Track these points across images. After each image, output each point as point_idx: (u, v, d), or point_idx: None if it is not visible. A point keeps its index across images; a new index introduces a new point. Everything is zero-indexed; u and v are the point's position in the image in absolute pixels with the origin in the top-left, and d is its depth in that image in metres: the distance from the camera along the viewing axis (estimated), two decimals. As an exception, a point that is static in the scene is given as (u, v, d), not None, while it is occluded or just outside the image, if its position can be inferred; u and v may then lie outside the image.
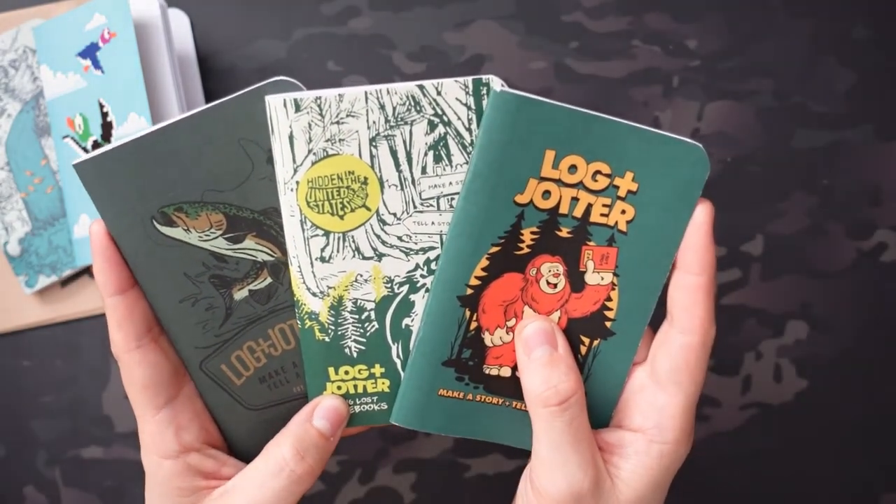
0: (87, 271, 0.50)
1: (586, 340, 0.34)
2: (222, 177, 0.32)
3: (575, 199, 0.32)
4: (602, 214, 0.32)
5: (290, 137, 0.31)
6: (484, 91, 0.31)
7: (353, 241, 0.33)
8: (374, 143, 0.32)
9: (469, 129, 0.32)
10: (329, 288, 0.33)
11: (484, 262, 0.32)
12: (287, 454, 0.32)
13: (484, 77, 0.31)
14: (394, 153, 0.32)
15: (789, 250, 0.51)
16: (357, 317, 0.34)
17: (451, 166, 0.32)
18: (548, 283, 0.33)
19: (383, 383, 0.34)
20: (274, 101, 0.31)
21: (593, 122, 0.31)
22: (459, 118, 0.32)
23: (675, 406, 0.32)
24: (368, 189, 0.32)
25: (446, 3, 0.51)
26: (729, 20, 0.51)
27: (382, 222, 0.33)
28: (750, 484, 0.51)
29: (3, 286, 0.50)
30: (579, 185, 0.32)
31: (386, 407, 0.35)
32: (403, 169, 0.32)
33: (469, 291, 0.32)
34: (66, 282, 0.50)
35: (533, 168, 0.31)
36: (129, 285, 0.32)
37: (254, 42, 0.51)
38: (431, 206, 0.32)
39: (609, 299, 0.33)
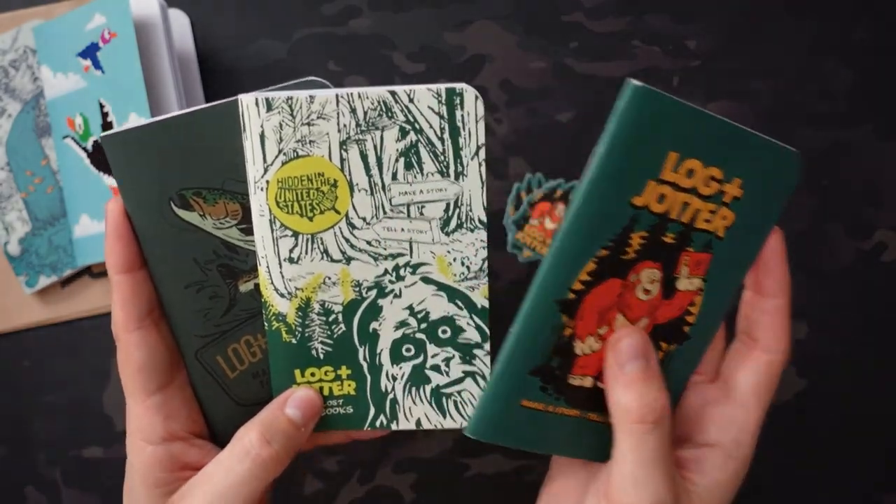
0: (87, 271, 0.50)
1: (664, 346, 0.33)
2: (244, 167, 0.32)
3: (686, 204, 0.31)
4: (706, 220, 0.31)
5: (262, 136, 0.31)
6: (457, 101, 0.31)
7: (322, 244, 0.32)
8: (344, 147, 0.31)
9: (441, 139, 0.32)
10: (297, 289, 0.33)
11: (591, 266, 0.30)
12: (253, 439, 0.32)
13: (457, 87, 0.31)
14: (364, 157, 0.32)
15: (789, 250, 0.51)
16: (324, 318, 0.33)
17: (423, 174, 0.32)
18: (644, 290, 0.31)
19: (349, 385, 0.34)
20: (246, 100, 0.31)
21: (715, 124, 0.30)
22: (432, 127, 0.31)
23: (755, 422, 0.32)
24: (338, 192, 0.32)
25: (446, 3, 0.51)
26: (729, 20, 0.51)
27: (352, 226, 0.32)
28: (749, 484, 0.51)
29: (4, 286, 0.50)
30: (692, 190, 0.30)
31: (352, 410, 0.34)
32: (374, 174, 0.32)
33: (571, 296, 0.31)
34: (66, 282, 0.50)
35: (654, 169, 0.30)
36: (138, 266, 0.32)
37: (254, 42, 0.51)
38: (402, 212, 0.32)
39: (692, 304, 0.32)
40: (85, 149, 0.47)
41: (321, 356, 0.34)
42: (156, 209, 0.32)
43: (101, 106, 0.46)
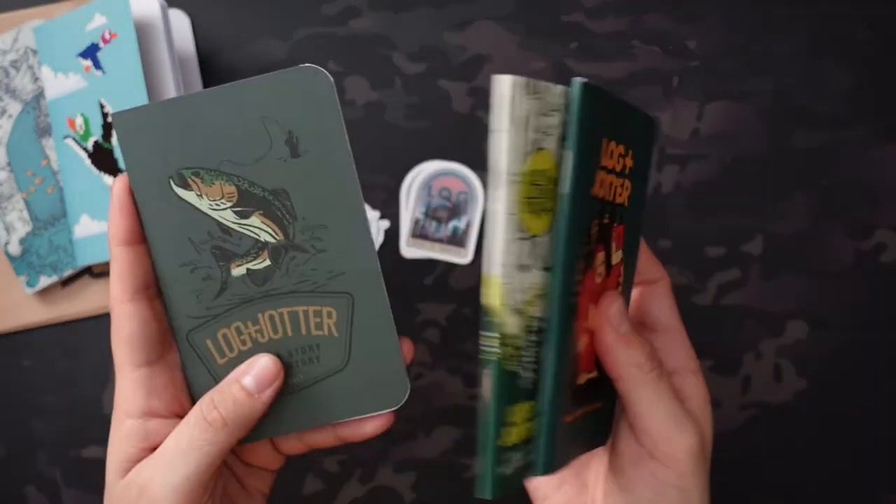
0: (87, 271, 0.50)
1: None
2: (241, 151, 0.33)
3: (612, 185, 0.31)
4: (619, 194, 0.32)
5: (526, 122, 0.27)
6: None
7: (542, 249, 0.28)
8: (562, 145, 0.29)
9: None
10: (523, 303, 0.28)
11: (582, 264, 0.29)
12: (204, 403, 0.32)
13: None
14: (563, 158, 0.29)
15: (789, 250, 0.51)
16: (535, 339, 0.28)
17: None
18: (598, 273, 0.31)
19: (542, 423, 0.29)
20: (510, 80, 0.26)
21: (621, 105, 0.31)
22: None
23: (684, 333, 0.35)
24: (554, 192, 0.29)
25: (446, 3, 0.51)
26: (729, 20, 0.51)
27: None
28: (750, 484, 0.51)
29: (4, 286, 0.50)
30: (612, 170, 0.31)
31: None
32: (567, 175, 0.29)
33: (573, 301, 0.29)
34: (66, 282, 0.50)
35: (598, 158, 0.29)
36: (137, 240, 0.33)
37: (254, 42, 0.51)
38: None
39: (620, 275, 0.33)
40: (85, 149, 0.47)
41: (530, 386, 0.28)
42: (157, 187, 0.33)
43: (102, 106, 0.46)
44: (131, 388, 0.33)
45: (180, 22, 0.50)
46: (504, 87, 0.26)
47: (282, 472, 0.39)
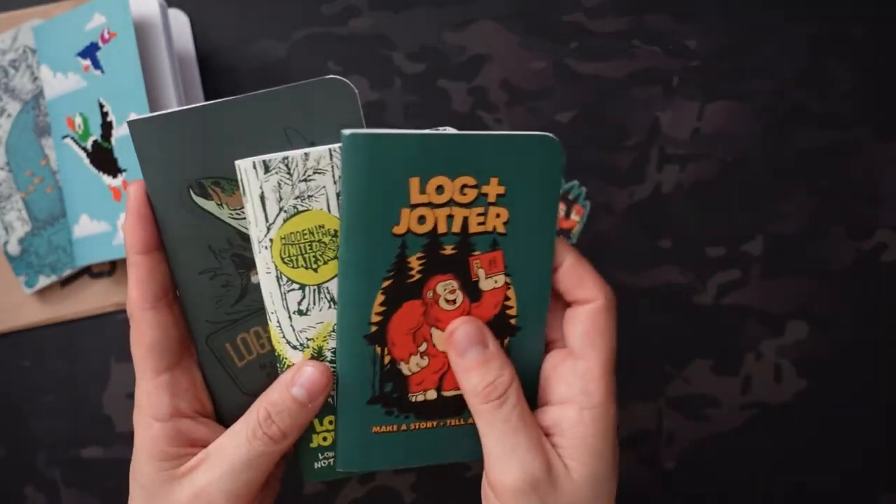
0: (86, 271, 0.50)
1: (499, 341, 0.35)
2: (248, 226, 0.33)
3: (450, 217, 0.32)
4: (479, 223, 0.33)
5: (262, 197, 0.32)
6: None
7: (328, 293, 0.33)
8: (341, 197, 0.32)
9: None
10: (308, 339, 0.33)
11: (380, 298, 0.33)
12: (260, 416, 0.33)
13: (440, 128, 0.33)
14: None
15: (789, 250, 0.51)
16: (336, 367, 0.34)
17: None
18: (446, 300, 0.33)
19: None
20: (244, 165, 0.32)
21: (446, 140, 0.32)
22: None
23: (596, 368, 0.33)
24: (339, 241, 0.33)
25: (446, 3, 0.51)
26: (729, 20, 0.51)
27: None
28: (750, 484, 0.51)
29: (3, 286, 0.50)
30: (450, 202, 0.32)
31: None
32: None
33: (374, 329, 0.33)
34: (66, 282, 0.50)
35: (402, 198, 0.32)
36: (155, 247, 0.33)
37: (254, 42, 0.51)
38: None
39: (507, 298, 0.34)
40: (85, 149, 0.47)
41: (334, 402, 0.34)
42: (175, 195, 0.33)
43: (101, 106, 0.46)
44: (156, 392, 0.33)
45: (180, 22, 0.50)
46: (239, 170, 0.32)
47: (282, 472, 0.40)
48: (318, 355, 0.34)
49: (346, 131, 0.31)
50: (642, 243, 0.51)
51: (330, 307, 0.33)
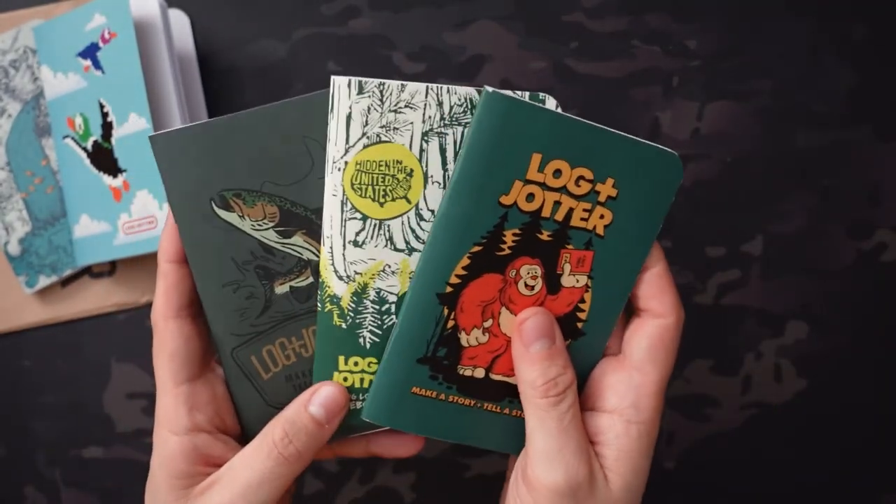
0: (87, 271, 0.50)
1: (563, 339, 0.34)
2: (283, 171, 0.33)
3: (557, 203, 0.32)
4: (582, 219, 0.33)
5: (348, 118, 0.32)
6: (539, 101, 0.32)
7: (388, 231, 0.33)
8: (425, 138, 0.32)
9: None
10: (356, 273, 0.33)
11: (465, 262, 0.32)
12: (276, 436, 0.32)
13: (541, 94, 0.32)
14: (443, 151, 0.32)
15: (789, 250, 0.51)
16: (377, 307, 0.33)
17: None
18: (526, 285, 0.33)
19: None
20: (339, 81, 0.31)
21: (580, 128, 0.32)
22: None
23: (652, 384, 0.33)
24: (412, 182, 0.32)
25: (446, 3, 0.51)
26: (729, 20, 0.51)
27: (420, 217, 0.33)
28: (750, 484, 0.51)
29: (4, 286, 0.50)
30: (562, 189, 0.32)
31: None
32: (449, 168, 0.32)
33: (449, 289, 0.33)
34: (66, 282, 0.50)
35: (519, 170, 0.31)
36: (186, 258, 0.33)
37: (254, 42, 0.51)
38: None
39: (582, 301, 0.34)
40: (85, 149, 0.47)
41: (368, 346, 0.34)
42: (198, 208, 0.33)
43: (101, 106, 0.46)
44: (174, 404, 0.33)
45: (180, 22, 0.50)
46: (333, 85, 0.31)
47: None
48: (361, 291, 0.33)
49: (488, 88, 0.31)
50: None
51: (386, 246, 0.33)
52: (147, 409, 0.51)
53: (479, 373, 0.34)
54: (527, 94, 0.32)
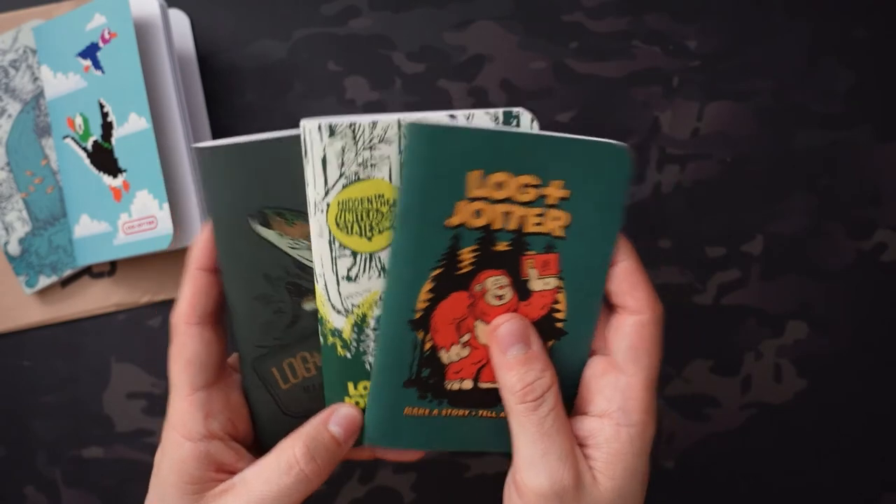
0: (87, 271, 0.50)
1: (542, 342, 0.34)
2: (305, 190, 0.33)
3: (507, 213, 0.32)
4: (536, 224, 0.33)
5: (324, 160, 0.32)
6: (514, 123, 0.32)
7: (380, 262, 0.33)
8: (399, 184, 0.32)
9: None
10: (353, 306, 0.33)
11: (428, 285, 0.33)
12: (298, 453, 0.32)
13: (514, 110, 0.32)
14: None
15: (789, 250, 0.51)
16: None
17: None
18: (494, 296, 0.33)
19: None
20: (308, 125, 0.31)
21: (515, 138, 0.32)
22: None
23: (638, 385, 0.32)
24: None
25: (446, 3, 0.51)
26: (729, 20, 0.51)
27: None
28: (750, 484, 0.51)
29: (4, 286, 0.50)
30: (508, 199, 0.32)
31: None
32: None
33: (418, 314, 0.33)
34: (66, 282, 0.50)
35: (457, 191, 0.32)
36: (217, 267, 0.34)
37: (254, 42, 0.51)
38: None
39: (557, 302, 0.34)
40: (85, 149, 0.47)
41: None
42: (236, 222, 0.33)
43: (101, 106, 0.46)
44: (189, 410, 0.33)
45: (180, 22, 0.50)
46: (303, 131, 0.31)
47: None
48: (361, 322, 0.34)
49: (409, 120, 0.31)
50: (642, 243, 0.51)
51: (380, 276, 0.33)
52: (147, 409, 0.51)
53: (468, 384, 0.35)
54: (501, 111, 0.32)
